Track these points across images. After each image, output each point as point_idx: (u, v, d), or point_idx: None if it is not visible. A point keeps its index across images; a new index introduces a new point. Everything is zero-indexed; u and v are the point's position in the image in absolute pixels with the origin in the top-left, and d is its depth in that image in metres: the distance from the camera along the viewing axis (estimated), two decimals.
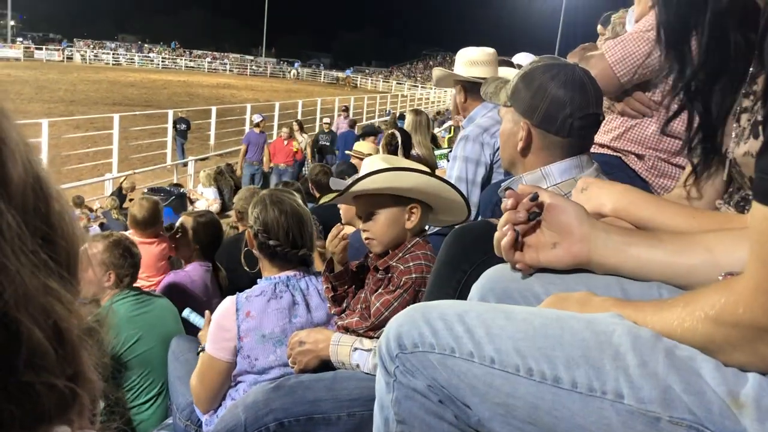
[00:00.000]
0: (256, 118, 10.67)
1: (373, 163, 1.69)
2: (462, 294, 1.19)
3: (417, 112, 4.81)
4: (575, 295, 0.84)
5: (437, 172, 1.77)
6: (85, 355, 0.39)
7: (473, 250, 1.25)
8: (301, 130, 11.47)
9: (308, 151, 11.14)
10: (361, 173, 1.67)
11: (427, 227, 1.79)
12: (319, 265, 2.17)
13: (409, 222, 1.64)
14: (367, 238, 1.68)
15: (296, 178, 9.31)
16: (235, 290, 1.88)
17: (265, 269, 1.90)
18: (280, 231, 1.82)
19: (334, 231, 1.74)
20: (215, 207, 9.52)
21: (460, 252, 1.27)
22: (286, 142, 10.17)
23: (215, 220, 3.17)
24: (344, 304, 1.76)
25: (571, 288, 0.89)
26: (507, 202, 0.95)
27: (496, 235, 0.96)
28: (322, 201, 1.87)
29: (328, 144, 11.27)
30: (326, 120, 12.08)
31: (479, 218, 2.22)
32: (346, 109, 14.19)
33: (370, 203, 1.66)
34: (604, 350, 0.71)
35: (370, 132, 7.04)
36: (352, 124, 12.78)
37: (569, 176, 1.23)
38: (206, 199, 9.77)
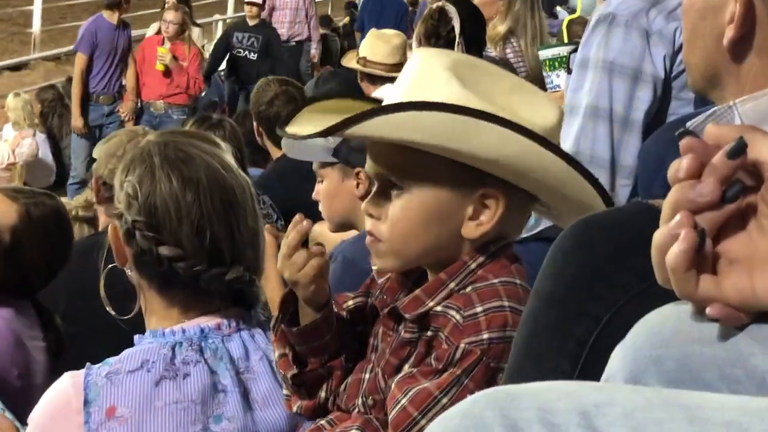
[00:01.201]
0: None
1: (424, 77, 1.67)
2: (589, 365, 1.22)
3: None
4: None
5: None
6: None
7: (613, 273, 1.26)
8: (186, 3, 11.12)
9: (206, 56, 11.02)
10: (389, 97, 1.69)
11: None
12: (275, 300, 2.21)
13: (475, 225, 1.66)
14: (371, 234, 1.72)
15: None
16: (82, 358, 1.92)
17: (152, 312, 1.95)
18: (184, 226, 1.86)
19: (292, 234, 1.72)
20: (24, 153, 9.57)
21: (586, 276, 1.29)
22: (167, 47, 9.98)
23: (55, 205, 3.19)
24: (323, 394, 1.78)
25: None
26: (681, 164, 0.95)
27: (657, 238, 0.97)
28: (285, 139, 1.94)
29: (254, 57, 11.13)
30: None
31: (632, 198, 2.26)
32: None
33: (394, 163, 1.68)
34: None
35: None
36: None
37: None
38: (5, 140, 9.83)
